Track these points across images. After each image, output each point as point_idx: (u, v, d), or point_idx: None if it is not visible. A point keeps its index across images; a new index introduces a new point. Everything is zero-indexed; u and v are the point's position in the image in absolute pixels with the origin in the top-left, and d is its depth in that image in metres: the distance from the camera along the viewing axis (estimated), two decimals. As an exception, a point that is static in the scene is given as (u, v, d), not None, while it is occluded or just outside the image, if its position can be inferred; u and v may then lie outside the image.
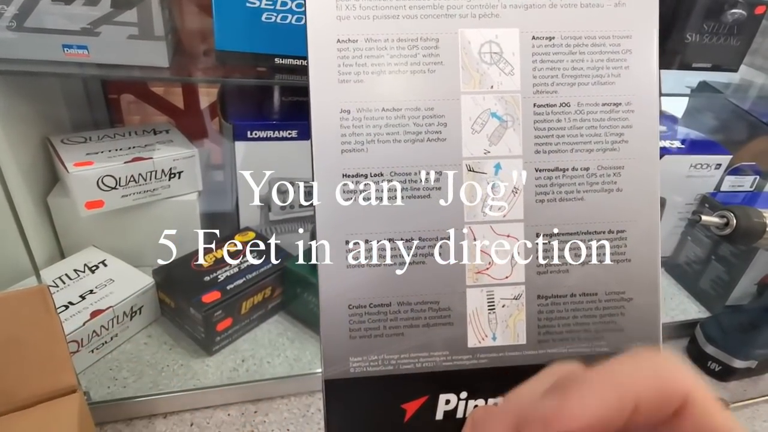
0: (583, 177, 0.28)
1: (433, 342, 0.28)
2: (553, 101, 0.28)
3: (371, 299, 0.27)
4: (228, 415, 0.66)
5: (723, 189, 0.90)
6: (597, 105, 0.28)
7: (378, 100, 0.27)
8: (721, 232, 0.51)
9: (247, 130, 0.71)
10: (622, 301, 0.29)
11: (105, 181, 0.69)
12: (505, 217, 0.28)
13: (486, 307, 0.28)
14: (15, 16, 0.51)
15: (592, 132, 0.28)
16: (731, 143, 0.90)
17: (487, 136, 0.27)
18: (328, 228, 0.27)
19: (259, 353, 0.72)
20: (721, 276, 0.86)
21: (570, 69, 0.28)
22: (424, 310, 0.28)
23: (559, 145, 0.28)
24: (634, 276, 0.28)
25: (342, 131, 0.27)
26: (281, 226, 0.82)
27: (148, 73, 0.59)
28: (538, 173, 0.28)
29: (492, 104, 0.27)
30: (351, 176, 0.27)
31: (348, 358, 0.27)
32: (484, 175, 0.27)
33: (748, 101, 0.90)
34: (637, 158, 0.28)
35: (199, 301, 0.67)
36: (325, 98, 0.26)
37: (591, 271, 0.28)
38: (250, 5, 0.54)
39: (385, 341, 0.27)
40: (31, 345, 0.45)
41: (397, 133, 0.27)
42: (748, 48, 0.67)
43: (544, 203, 0.28)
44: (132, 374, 0.66)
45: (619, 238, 0.28)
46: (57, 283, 0.69)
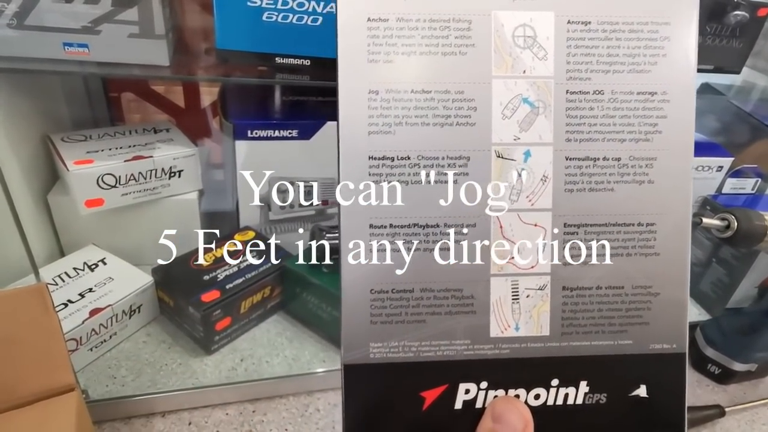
0: (614, 167, 0.27)
1: (455, 330, 0.27)
2: (587, 88, 0.27)
3: (394, 284, 0.27)
4: (226, 415, 0.66)
5: (724, 191, 0.90)
6: (631, 93, 0.27)
7: (407, 82, 0.26)
8: (722, 235, 0.51)
9: (247, 129, 0.71)
10: (649, 295, 0.28)
11: (105, 180, 0.69)
12: (533, 206, 0.27)
13: (510, 297, 0.27)
14: (16, 14, 0.51)
15: (626, 121, 0.27)
16: (733, 145, 0.90)
17: (517, 122, 0.27)
18: (353, 211, 0.26)
19: (257, 353, 0.72)
20: (721, 278, 0.86)
21: (605, 55, 0.27)
22: (447, 298, 0.27)
23: (591, 133, 0.27)
24: (662, 270, 0.28)
25: (370, 112, 0.26)
26: (281, 226, 0.82)
27: (149, 71, 0.59)
28: (569, 162, 0.27)
29: (524, 89, 0.27)
30: (377, 159, 0.26)
31: (368, 344, 0.27)
32: (513, 162, 0.27)
33: (750, 103, 0.90)
34: (671, 150, 0.27)
35: (198, 300, 0.67)
36: (353, 78, 0.26)
37: (618, 263, 0.28)
38: (251, 4, 0.54)
39: (406, 327, 0.27)
40: (29, 343, 0.45)
41: (425, 116, 0.26)
42: (751, 50, 0.67)
43: (573, 193, 0.27)
44: (131, 373, 0.66)
45: (649, 231, 0.28)
46: (56, 281, 0.69)
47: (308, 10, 0.55)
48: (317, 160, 0.76)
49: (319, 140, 0.74)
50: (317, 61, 0.57)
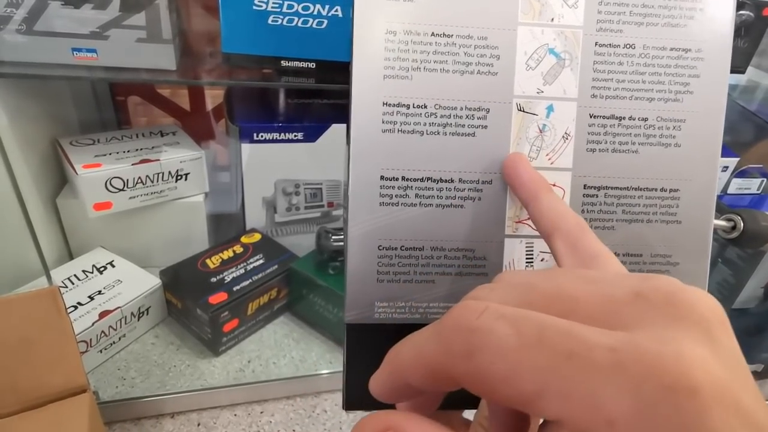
0: (640, 128, 0.25)
1: (464, 292, 0.25)
2: (617, 41, 0.25)
3: (403, 241, 0.25)
4: (234, 416, 0.66)
5: (730, 192, 0.90)
6: (664, 49, 0.25)
7: (427, 23, 0.24)
8: (728, 236, 0.51)
9: (253, 131, 0.72)
10: (668, 265, 0.26)
11: (113, 183, 0.69)
12: (553, 165, 0.25)
13: (524, 260, 0.26)
14: (24, 20, 0.52)
15: (656, 79, 0.25)
16: (738, 145, 0.90)
17: (542, 74, 0.25)
18: (363, 160, 0.24)
19: (265, 354, 0.72)
20: (727, 279, 0.86)
21: (639, 6, 0.25)
22: (458, 258, 0.25)
23: (618, 90, 0.25)
24: (684, 239, 0.26)
25: (386, 54, 0.24)
26: (287, 228, 0.82)
27: (156, 75, 0.59)
28: (592, 119, 0.25)
29: (550, 39, 0.25)
30: (392, 105, 0.24)
31: (374, 303, 0.25)
32: (535, 117, 0.25)
33: (755, 103, 0.90)
34: (701, 112, 0.25)
35: (205, 302, 0.67)
36: (370, 16, 0.24)
37: (637, 230, 0.26)
38: (256, 8, 0.54)
39: (414, 287, 0.25)
40: (43, 345, 0.46)
41: (445, 62, 0.24)
42: (756, 49, 0.67)
43: (596, 153, 0.25)
44: (140, 374, 0.67)
45: (672, 198, 0.26)
46: (66, 284, 0.70)
47: (313, 13, 0.55)
48: (323, 162, 0.76)
49: (325, 142, 0.75)
50: (322, 64, 0.58)
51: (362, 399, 0.25)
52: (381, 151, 0.25)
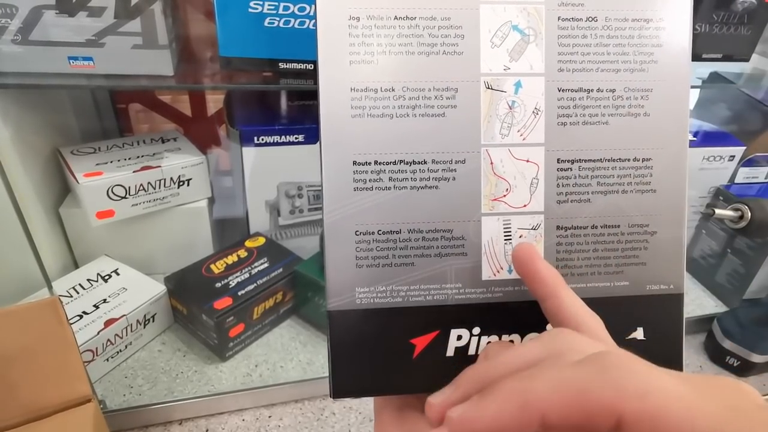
0: (609, 99, 0.26)
1: (445, 273, 0.26)
2: (580, 14, 0.25)
3: (380, 225, 0.25)
4: (243, 420, 0.66)
5: (737, 181, 0.89)
6: (626, 20, 0.26)
7: (390, 7, 0.24)
8: (735, 225, 0.50)
9: (254, 135, 0.72)
10: (646, 234, 0.27)
11: (115, 191, 0.69)
12: (525, 141, 0.26)
13: (502, 238, 0.26)
14: (20, 30, 0.52)
15: (620, 50, 0.26)
16: (744, 134, 0.89)
17: (507, 51, 0.25)
18: (334, 147, 0.25)
19: (272, 358, 0.72)
20: (737, 269, 0.84)
21: None
22: (436, 239, 0.26)
23: (584, 63, 0.26)
24: (659, 208, 0.27)
25: (351, 40, 0.24)
26: (291, 231, 0.82)
27: (154, 81, 0.59)
28: (561, 93, 0.26)
29: (513, 16, 0.25)
30: (360, 90, 0.25)
31: (354, 288, 0.25)
32: (504, 94, 0.25)
33: (761, 91, 0.88)
34: (667, 80, 0.26)
35: (211, 308, 0.67)
36: (332, 5, 0.24)
37: (613, 201, 0.26)
38: (252, 11, 0.54)
39: (394, 271, 0.26)
40: (45, 356, 0.46)
41: (410, 44, 0.25)
42: (760, 37, 0.66)
43: (566, 126, 0.26)
44: (147, 382, 0.67)
45: (645, 167, 0.26)
46: (71, 293, 0.70)
47: (309, 14, 0.55)
48: (324, 163, 0.76)
49: (326, 144, 0.74)
50: (321, 65, 0.57)
51: (350, 386, 0.26)
52: (352, 137, 0.25)
